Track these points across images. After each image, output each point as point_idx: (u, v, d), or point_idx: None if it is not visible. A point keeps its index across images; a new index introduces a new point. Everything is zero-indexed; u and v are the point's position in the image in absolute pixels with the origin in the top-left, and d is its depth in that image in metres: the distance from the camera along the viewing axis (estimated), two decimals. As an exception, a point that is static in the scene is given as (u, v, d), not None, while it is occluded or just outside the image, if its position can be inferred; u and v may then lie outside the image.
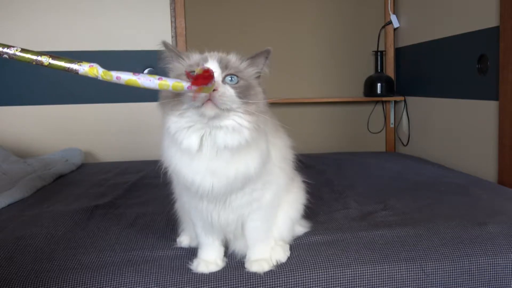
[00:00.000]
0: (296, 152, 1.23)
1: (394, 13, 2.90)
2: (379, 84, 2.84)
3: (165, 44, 0.99)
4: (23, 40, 2.65)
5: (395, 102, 2.98)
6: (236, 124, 0.93)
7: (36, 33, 2.67)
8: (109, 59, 2.64)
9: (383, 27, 2.95)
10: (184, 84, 0.86)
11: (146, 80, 0.86)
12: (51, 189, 1.95)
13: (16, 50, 0.81)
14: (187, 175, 0.97)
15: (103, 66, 0.91)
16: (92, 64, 0.85)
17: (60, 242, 1.27)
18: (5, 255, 1.17)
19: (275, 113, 1.09)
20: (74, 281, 1.04)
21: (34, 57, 0.82)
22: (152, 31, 2.76)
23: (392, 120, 3.02)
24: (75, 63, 0.84)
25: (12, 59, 0.82)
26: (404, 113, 2.86)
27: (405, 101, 2.85)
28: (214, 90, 0.89)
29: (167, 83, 0.86)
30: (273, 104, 3.13)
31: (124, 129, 2.75)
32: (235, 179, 0.97)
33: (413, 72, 2.79)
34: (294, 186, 1.22)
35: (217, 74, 0.92)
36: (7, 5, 2.65)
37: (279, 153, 1.13)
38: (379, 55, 2.89)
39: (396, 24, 2.89)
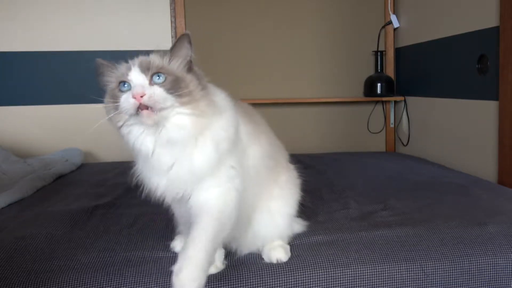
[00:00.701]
0: (296, 152, 1.23)
1: (394, 13, 2.90)
2: (379, 84, 2.84)
3: (97, 63, 1.01)
4: (23, 40, 2.65)
5: (395, 102, 2.98)
6: (177, 120, 0.93)
7: (36, 33, 2.67)
8: (109, 59, 2.63)
9: (383, 27, 2.95)
10: None
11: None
12: (51, 189, 1.95)
13: None
14: (146, 182, 1.03)
15: None
16: None
17: (60, 242, 1.27)
18: (5, 255, 1.17)
19: (276, 113, 1.09)
20: (74, 281, 1.04)
21: None
22: (152, 31, 2.76)
23: (392, 120, 3.02)
24: None
25: None
26: (404, 113, 2.86)
27: (405, 101, 2.85)
28: (141, 96, 0.90)
29: None
30: (273, 104, 3.14)
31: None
32: (182, 176, 0.97)
33: (413, 72, 2.79)
34: (288, 182, 1.21)
35: (142, 78, 0.93)
36: (7, 5, 2.65)
37: (263, 146, 1.11)
38: (379, 55, 2.89)
39: (396, 24, 2.89)
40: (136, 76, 0.93)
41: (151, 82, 0.93)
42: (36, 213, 1.54)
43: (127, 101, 0.91)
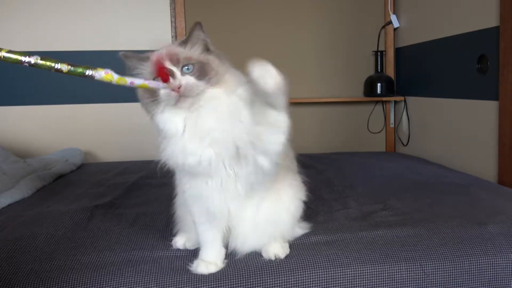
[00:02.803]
0: (296, 152, 1.23)
1: (394, 13, 2.90)
2: (379, 84, 2.84)
3: (123, 56, 1.05)
4: (23, 40, 2.65)
5: (395, 102, 2.99)
6: (210, 95, 1.02)
7: (36, 33, 2.67)
8: (109, 59, 2.63)
9: (383, 27, 2.95)
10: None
11: (155, 84, 0.99)
12: (51, 189, 1.95)
13: (37, 58, 0.87)
14: (185, 159, 1.02)
15: (104, 66, 0.94)
16: (107, 70, 0.92)
17: (60, 242, 1.27)
18: (5, 255, 1.17)
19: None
20: (74, 281, 1.04)
21: (54, 65, 0.87)
22: (152, 31, 2.76)
23: (392, 120, 3.02)
24: (90, 70, 0.91)
25: (33, 67, 0.86)
26: (404, 113, 2.86)
27: (405, 101, 2.85)
28: (179, 88, 0.98)
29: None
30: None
31: (124, 129, 2.75)
32: (229, 136, 1.01)
33: (413, 72, 2.79)
34: (295, 179, 1.22)
35: (175, 71, 1.00)
36: (7, 5, 2.65)
37: None
38: (379, 55, 2.89)
39: (396, 24, 2.89)
40: (173, 70, 1.00)
41: (182, 73, 1.00)
42: (36, 213, 1.54)
43: (167, 94, 0.99)
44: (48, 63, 0.87)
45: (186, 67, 1.01)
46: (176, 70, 1.00)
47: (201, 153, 1.01)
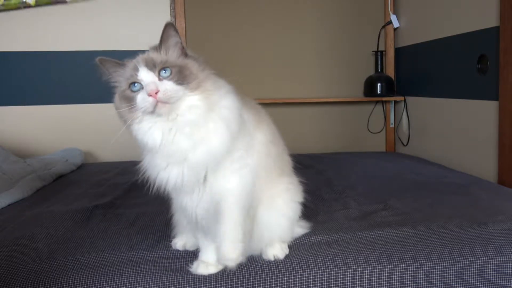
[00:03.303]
0: (296, 152, 1.23)
1: (394, 13, 2.90)
2: (379, 84, 2.84)
3: (99, 61, 1.02)
4: (23, 40, 2.65)
5: (395, 102, 2.98)
6: (189, 102, 0.97)
7: (36, 33, 2.67)
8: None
9: (383, 27, 2.95)
10: None
11: None
12: (51, 189, 1.95)
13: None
14: (154, 175, 1.02)
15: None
16: None
17: (60, 242, 1.27)
18: (5, 255, 1.17)
19: (276, 113, 1.09)
20: (74, 281, 1.04)
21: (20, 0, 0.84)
22: (152, 31, 2.76)
23: (392, 120, 3.02)
24: None
25: (1, 11, 0.83)
26: (404, 113, 2.86)
27: (405, 101, 2.85)
28: (156, 93, 0.94)
29: None
30: (273, 104, 3.14)
31: (124, 129, 2.74)
32: (201, 160, 0.99)
33: (413, 72, 2.79)
34: (290, 183, 1.21)
35: (151, 76, 0.97)
36: (7, 5, 2.65)
37: (265, 135, 1.12)
38: (379, 55, 2.89)
39: (396, 24, 2.89)
40: (145, 75, 0.97)
41: (160, 78, 0.97)
42: (36, 213, 1.54)
43: (144, 100, 0.95)
44: (13, 2, 0.85)
45: (164, 71, 0.97)
46: (152, 75, 0.97)
47: (171, 171, 0.99)
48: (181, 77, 0.97)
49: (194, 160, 0.98)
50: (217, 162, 1.00)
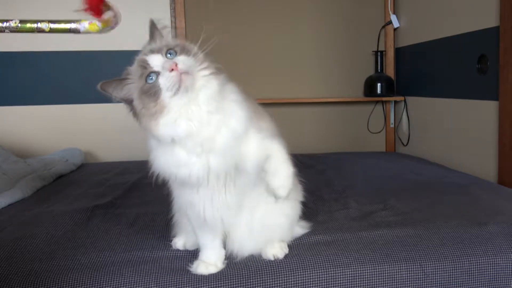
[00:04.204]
0: (296, 152, 1.23)
1: (394, 13, 2.90)
2: (379, 84, 2.84)
3: (102, 87, 1.00)
4: (23, 40, 2.65)
5: (395, 102, 2.98)
6: (204, 77, 0.98)
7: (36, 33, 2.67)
8: (109, 59, 2.64)
9: (383, 27, 2.95)
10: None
11: None
12: (51, 189, 1.95)
13: (15, 22, 0.83)
14: (181, 172, 0.99)
15: (104, 65, 0.92)
16: (90, 20, 0.87)
17: (60, 242, 1.27)
18: (5, 255, 1.17)
19: (276, 113, 1.09)
20: (74, 281, 1.04)
21: (34, 25, 0.84)
22: (152, 31, 2.76)
23: (392, 120, 3.02)
24: (75, 23, 0.86)
25: (14, 31, 0.84)
26: (404, 113, 2.86)
27: (405, 101, 2.85)
28: (176, 65, 0.94)
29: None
30: (274, 104, 3.13)
31: (124, 129, 2.74)
32: (228, 142, 0.99)
33: (413, 72, 2.79)
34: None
35: (161, 58, 0.97)
36: (7, 5, 2.65)
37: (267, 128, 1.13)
38: (379, 55, 2.89)
39: (396, 24, 2.89)
40: (157, 60, 0.96)
41: (167, 59, 0.97)
42: (36, 213, 1.54)
43: (168, 77, 0.94)
44: (28, 25, 0.85)
45: (169, 53, 0.97)
46: (163, 57, 0.97)
47: (194, 165, 0.98)
48: (187, 52, 0.98)
49: (221, 145, 0.98)
50: (240, 139, 1.01)
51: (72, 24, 0.84)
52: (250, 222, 1.12)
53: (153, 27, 1.05)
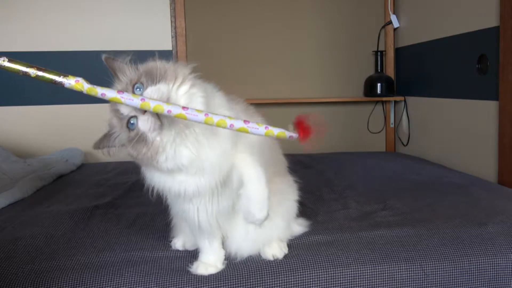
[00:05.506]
0: (296, 152, 1.22)
1: (394, 13, 2.90)
2: (379, 84, 2.84)
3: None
4: (23, 40, 2.65)
5: (395, 102, 2.98)
6: (183, 92, 0.91)
7: (36, 33, 2.67)
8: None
9: (383, 27, 2.95)
10: (165, 107, 0.83)
11: (128, 100, 0.83)
12: (51, 189, 1.95)
13: (3, 60, 0.80)
14: (173, 187, 0.99)
15: (104, 66, 0.91)
16: (78, 79, 0.83)
17: (60, 242, 1.27)
18: (5, 255, 1.17)
19: (276, 113, 1.09)
20: (74, 281, 1.04)
21: (22, 69, 0.81)
22: (152, 31, 2.76)
23: (392, 120, 3.02)
24: (61, 77, 0.82)
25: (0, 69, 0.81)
26: (404, 113, 2.86)
27: (405, 101, 2.85)
28: (144, 112, 0.88)
29: (149, 104, 0.82)
30: (274, 104, 3.13)
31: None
32: (218, 163, 0.97)
33: (413, 72, 2.79)
34: (284, 182, 1.21)
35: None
36: (7, 5, 2.65)
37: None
38: (379, 55, 2.89)
39: (396, 24, 2.89)
40: (124, 107, 0.90)
41: (134, 93, 0.89)
42: (36, 213, 1.54)
43: (144, 120, 0.89)
44: (15, 67, 0.81)
45: (137, 87, 0.90)
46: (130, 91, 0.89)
47: (187, 182, 0.97)
48: (152, 78, 0.89)
49: (212, 164, 0.96)
50: (229, 155, 0.99)
51: (58, 77, 0.81)
52: (245, 224, 1.11)
53: (110, 63, 0.95)
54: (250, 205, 1.03)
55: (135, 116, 0.90)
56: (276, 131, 0.88)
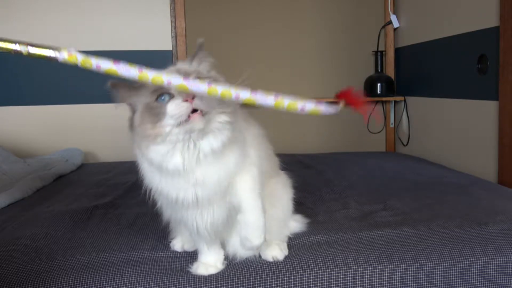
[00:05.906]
0: (296, 152, 1.22)
1: (394, 13, 2.90)
2: (379, 84, 2.84)
3: (113, 85, 0.95)
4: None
5: (395, 102, 2.98)
6: (219, 123, 0.94)
7: (36, 33, 2.67)
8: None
9: (383, 27, 2.95)
10: (164, 79, 0.82)
11: (125, 71, 0.82)
12: (51, 189, 1.95)
13: None
14: (171, 193, 0.99)
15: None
16: (70, 50, 0.82)
17: (60, 242, 1.27)
18: (5, 255, 1.17)
19: (276, 113, 1.08)
20: (74, 281, 1.04)
21: (13, 47, 0.80)
22: (152, 31, 2.76)
23: (392, 120, 3.02)
24: (54, 50, 0.80)
25: None
26: (404, 113, 2.86)
27: (405, 101, 2.85)
28: (192, 98, 0.88)
29: (147, 75, 0.82)
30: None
31: (124, 129, 2.74)
32: (219, 181, 0.98)
33: (413, 72, 2.79)
34: (277, 182, 1.20)
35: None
36: (7, 5, 2.65)
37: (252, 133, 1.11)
38: (379, 55, 2.89)
39: (396, 24, 2.89)
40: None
41: None
42: (36, 213, 1.54)
43: (178, 105, 0.88)
44: (5, 46, 0.81)
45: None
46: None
47: (186, 190, 0.98)
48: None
49: (210, 183, 0.97)
50: (233, 176, 1.01)
51: (51, 51, 0.79)
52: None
53: (199, 48, 1.01)
54: (248, 231, 1.04)
55: (172, 95, 0.90)
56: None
